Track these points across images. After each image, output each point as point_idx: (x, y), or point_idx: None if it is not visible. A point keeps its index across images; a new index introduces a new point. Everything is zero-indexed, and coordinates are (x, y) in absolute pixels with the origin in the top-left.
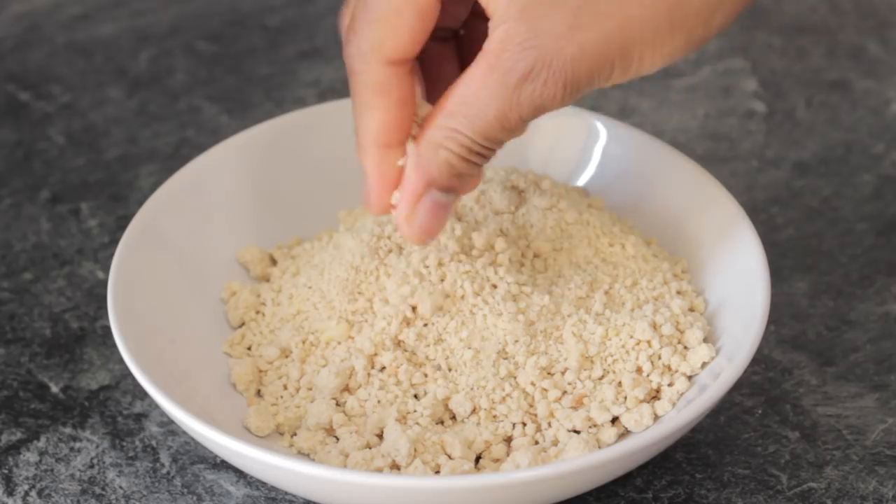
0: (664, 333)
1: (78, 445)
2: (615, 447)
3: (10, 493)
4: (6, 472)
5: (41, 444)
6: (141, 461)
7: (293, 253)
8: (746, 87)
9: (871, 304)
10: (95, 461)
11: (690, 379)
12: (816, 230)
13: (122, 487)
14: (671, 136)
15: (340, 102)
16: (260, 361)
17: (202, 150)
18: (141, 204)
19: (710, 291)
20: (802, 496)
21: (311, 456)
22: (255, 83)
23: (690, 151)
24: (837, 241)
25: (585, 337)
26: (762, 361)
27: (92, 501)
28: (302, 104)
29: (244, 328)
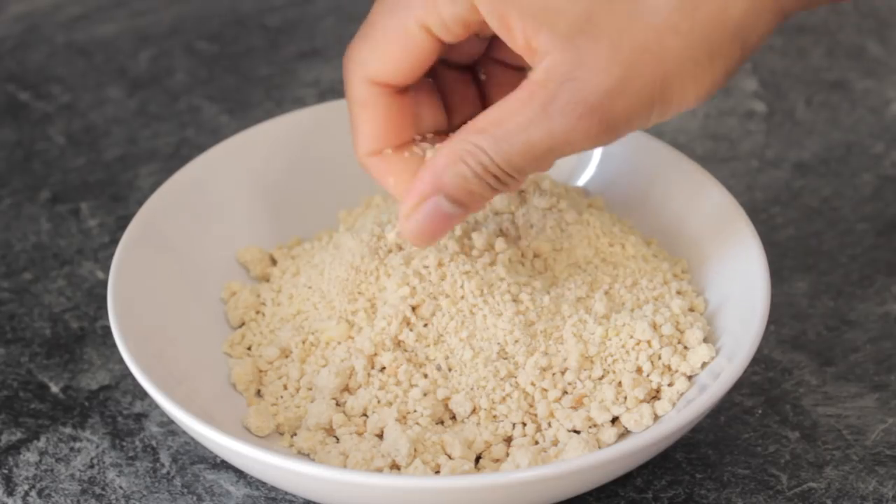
0: (664, 333)
1: (78, 445)
2: (615, 447)
3: (10, 493)
4: (6, 472)
5: (41, 444)
6: (141, 461)
7: (293, 253)
8: (746, 87)
9: (871, 304)
10: (95, 461)
11: (690, 379)
12: (816, 230)
13: (122, 487)
14: (671, 136)
15: (340, 102)
16: (260, 361)
17: (202, 150)
18: (141, 204)
19: (710, 291)
20: (802, 496)
21: (311, 456)
22: (255, 83)
23: (690, 151)
24: (837, 241)
25: (585, 337)
26: (762, 361)
27: (92, 501)
28: (302, 104)
29: (244, 328)
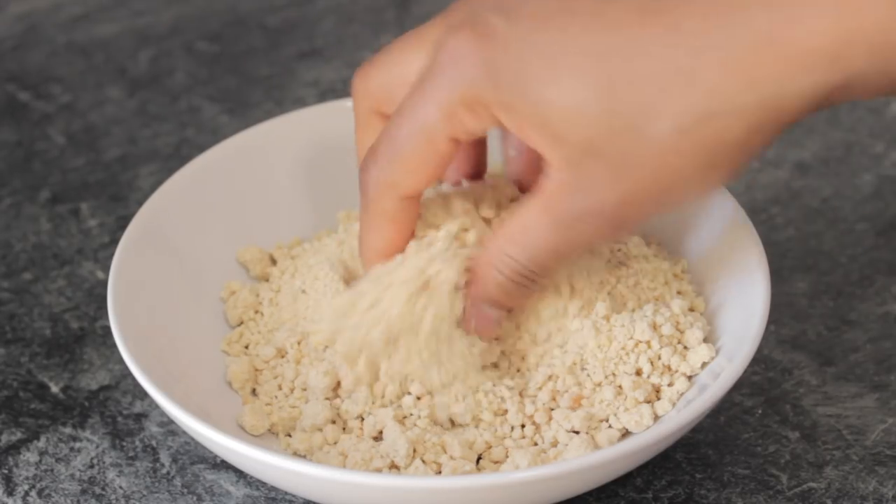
0: (664, 333)
1: (78, 445)
2: (615, 447)
3: (10, 493)
4: (6, 472)
5: (41, 444)
6: (141, 461)
7: (293, 253)
8: None
9: (871, 304)
10: (95, 461)
11: (690, 379)
12: (816, 230)
13: (122, 487)
14: None
15: (340, 102)
16: (256, 360)
17: (202, 150)
18: (141, 204)
19: (710, 291)
20: (802, 496)
21: (307, 456)
22: (255, 83)
23: None
24: (837, 241)
25: (585, 337)
26: (762, 361)
27: (92, 501)
28: (302, 104)
29: (242, 327)
